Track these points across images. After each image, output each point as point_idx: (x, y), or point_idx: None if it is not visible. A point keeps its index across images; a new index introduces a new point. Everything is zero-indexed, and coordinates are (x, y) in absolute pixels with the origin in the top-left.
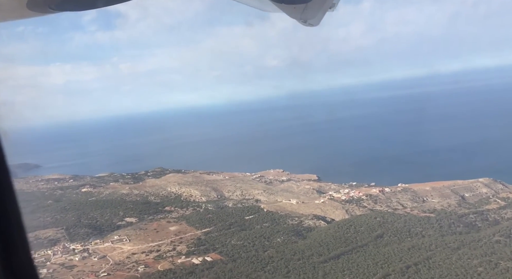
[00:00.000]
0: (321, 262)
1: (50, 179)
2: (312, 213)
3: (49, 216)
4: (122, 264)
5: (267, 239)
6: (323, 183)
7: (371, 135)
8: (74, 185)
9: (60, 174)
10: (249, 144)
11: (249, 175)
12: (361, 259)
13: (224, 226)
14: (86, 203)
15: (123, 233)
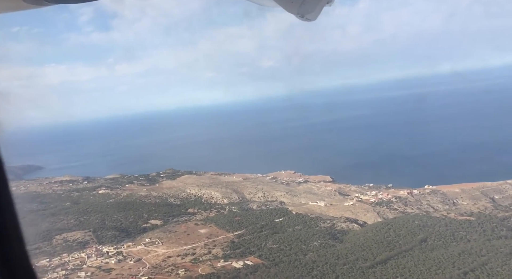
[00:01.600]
0: (368, 267)
1: (63, 181)
2: (343, 215)
3: (72, 218)
4: (159, 267)
5: (303, 242)
6: (342, 185)
7: (377, 136)
8: (89, 186)
9: (71, 176)
10: (253, 144)
11: (261, 176)
12: (411, 264)
13: (255, 228)
14: (105, 205)
15: (153, 235)
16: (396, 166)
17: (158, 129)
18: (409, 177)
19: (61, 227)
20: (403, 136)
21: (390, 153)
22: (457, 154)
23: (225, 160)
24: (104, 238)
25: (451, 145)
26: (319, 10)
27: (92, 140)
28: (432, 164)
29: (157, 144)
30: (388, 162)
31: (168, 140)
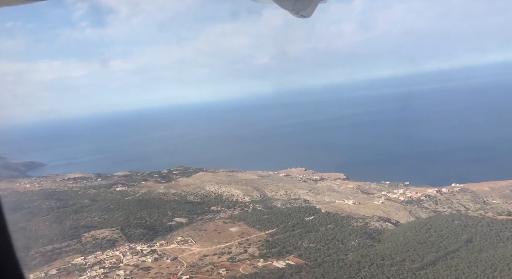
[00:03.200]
0: (418, 269)
1: (76, 178)
2: (374, 214)
3: (96, 216)
4: (197, 266)
5: (340, 242)
6: (360, 182)
7: (378, 134)
8: (104, 184)
9: (82, 173)
10: (255, 142)
11: (273, 174)
12: (463, 266)
13: (286, 227)
14: (125, 202)
15: (183, 233)
16: (406, 164)
17: (155, 127)
18: (425, 174)
19: (87, 224)
20: (402, 135)
21: (396, 151)
22: (465, 152)
23: (230, 157)
24: (133, 236)
25: (457, 143)
26: (314, 7)
27: (89, 137)
28: (445, 161)
29: (156, 141)
30: (396, 160)
31: (166, 137)
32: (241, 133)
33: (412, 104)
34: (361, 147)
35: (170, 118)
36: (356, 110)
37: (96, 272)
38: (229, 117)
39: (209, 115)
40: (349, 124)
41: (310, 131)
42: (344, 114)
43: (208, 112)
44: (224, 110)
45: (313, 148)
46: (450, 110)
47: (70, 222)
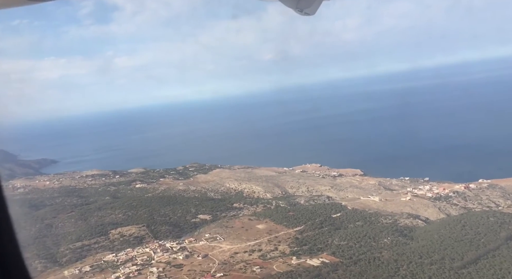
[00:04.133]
0: (460, 268)
1: (94, 175)
2: (402, 211)
3: (120, 213)
4: (229, 263)
5: (372, 239)
6: (381, 178)
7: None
8: (123, 181)
9: (99, 170)
10: (264, 138)
11: (288, 170)
12: (508, 265)
13: (314, 224)
14: (147, 199)
15: (210, 230)
16: (422, 159)
17: (162, 124)
18: (442, 170)
19: (112, 221)
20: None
21: (409, 146)
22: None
23: (241, 154)
24: (159, 233)
25: (470, 138)
26: (318, 4)
27: (96, 134)
28: (461, 156)
29: (164, 139)
30: (411, 155)
31: (174, 134)
32: (249, 130)
33: (418, 100)
34: (373, 142)
35: (176, 116)
36: (364, 106)
37: (129, 269)
38: (237, 114)
39: (215, 112)
40: (359, 120)
41: (319, 128)
42: (352, 110)
43: (213, 109)
44: (230, 107)
45: (324, 144)
46: (457, 105)
47: (95, 219)
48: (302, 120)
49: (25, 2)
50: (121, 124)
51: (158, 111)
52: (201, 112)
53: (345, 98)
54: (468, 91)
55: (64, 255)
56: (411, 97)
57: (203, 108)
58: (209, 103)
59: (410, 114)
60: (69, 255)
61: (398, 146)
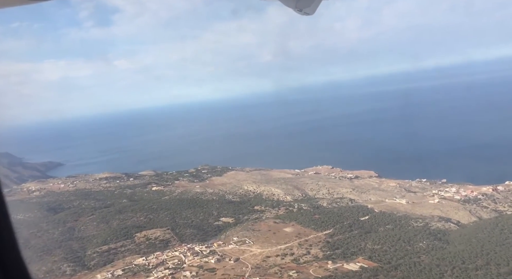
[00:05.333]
0: (508, 274)
1: (108, 177)
2: (431, 213)
3: (141, 216)
4: (262, 267)
5: (407, 243)
6: (400, 180)
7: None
8: (138, 183)
9: (110, 172)
10: (270, 140)
11: (301, 172)
12: None
13: (343, 227)
14: (166, 202)
15: (237, 234)
16: (434, 161)
17: (164, 126)
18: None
19: (134, 224)
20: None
21: (420, 148)
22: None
23: (248, 155)
24: (184, 236)
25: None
26: (317, 4)
27: (100, 136)
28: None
29: (169, 140)
30: (422, 157)
31: (177, 136)
32: (255, 131)
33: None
34: (383, 143)
35: (179, 117)
36: (369, 107)
37: (162, 273)
38: (240, 115)
39: (216, 113)
40: (365, 121)
41: (325, 129)
42: (357, 110)
43: (216, 110)
44: (233, 108)
45: (332, 145)
46: (461, 106)
47: (116, 222)
48: (308, 121)
49: (24, 2)
50: (123, 126)
51: (159, 113)
52: (204, 114)
53: (349, 99)
54: (475, 91)
55: (92, 258)
56: (417, 98)
57: (205, 109)
58: (211, 104)
59: (417, 115)
60: (96, 258)
61: (408, 147)
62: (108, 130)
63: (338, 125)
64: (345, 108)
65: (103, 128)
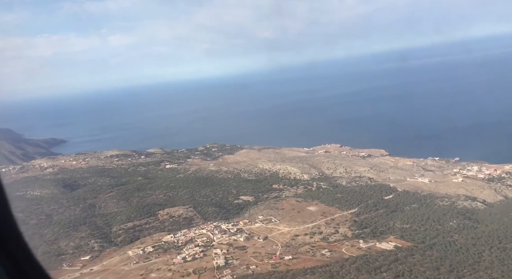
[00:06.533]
0: None
1: (119, 155)
2: (456, 192)
3: (160, 194)
4: (292, 246)
5: (437, 222)
6: (414, 159)
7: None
8: (150, 161)
9: (119, 150)
10: (274, 117)
11: (310, 150)
12: None
13: (368, 206)
14: (182, 180)
15: (260, 212)
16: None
17: (163, 103)
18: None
19: (154, 202)
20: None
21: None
22: None
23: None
24: (207, 214)
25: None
26: None
27: (98, 113)
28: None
29: (170, 118)
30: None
31: (178, 114)
32: (256, 109)
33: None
34: (388, 121)
35: (176, 95)
36: (374, 84)
37: (193, 250)
38: (237, 93)
39: (214, 92)
40: (370, 99)
41: (329, 107)
42: (359, 89)
43: (213, 88)
44: (229, 87)
45: (338, 124)
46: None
47: (136, 199)
48: (311, 99)
49: None
50: (120, 103)
51: (156, 90)
52: (202, 92)
53: (351, 77)
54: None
55: (118, 235)
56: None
57: (203, 87)
58: (209, 82)
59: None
60: (122, 235)
61: (416, 125)
62: (106, 107)
63: (342, 103)
64: (348, 86)
65: (100, 105)
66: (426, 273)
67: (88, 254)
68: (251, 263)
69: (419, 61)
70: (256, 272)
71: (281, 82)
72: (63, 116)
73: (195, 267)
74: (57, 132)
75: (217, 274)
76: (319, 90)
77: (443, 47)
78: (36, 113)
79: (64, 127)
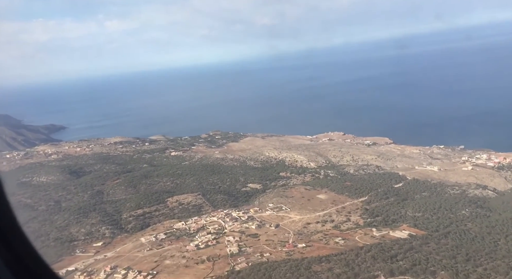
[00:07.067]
0: None
1: (123, 142)
2: (466, 181)
3: (168, 181)
4: (304, 234)
5: (449, 211)
6: (420, 147)
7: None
8: (155, 148)
9: (122, 137)
10: (273, 105)
11: (313, 138)
12: None
13: (378, 195)
14: (189, 167)
15: (270, 200)
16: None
17: (162, 90)
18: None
19: (162, 189)
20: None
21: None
22: None
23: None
24: (216, 202)
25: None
26: None
27: (96, 100)
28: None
29: (169, 105)
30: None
31: (178, 101)
32: (255, 97)
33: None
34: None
35: (173, 82)
36: (374, 72)
37: (205, 237)
38: (236, 80)
39: (213, 79)
40: (371, 87)
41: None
42: (359, 77)
43: (211, 76)
44: (227, 74)
45: (339, 112)
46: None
47: (144, 186)
48: (311, 87)
49: None
50: (118, 90)
51: (154, 77)
52: (200, 79)
53: (351, 65)
54: None
55: (128, 222)
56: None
57: (201, 74)
58: (207, 69)
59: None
60: (133, 222)
61: (418, 112)
62: (104, 94)
63: (343, 91)
64: (348, 74)
65: (98, 91)
66: (442, 262)
67: (100, 240)
68: (264, 250)
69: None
70: (271, 259)
71: (280, 69)
72: (60, 102)
73: (208, 255)
74: (56, 118)
75: (232, 262)
76: (318, 78)
77: (444, 34)
78: (33, 99)
79: (62, 114)
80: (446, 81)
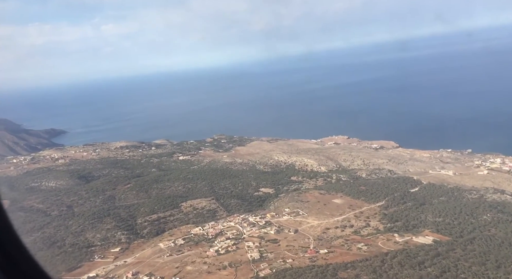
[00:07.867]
0: None
1: (129, 146)
2: (482, 185)
3: (179, 185)
4: (324, 239)
5: (470, 216)
6: (430, 151)
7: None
8: (162, 153)
9: (127, 141)
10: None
11: (319, 142)
12: None
13: (395, 199)
14: (198, 171)
15: (285, 205)
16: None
17: (159, 94)
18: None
19: (174, 194)
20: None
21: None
22: None
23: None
24: (230, 207)
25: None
26: None
27: (94, 104)
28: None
29: (168, 109)
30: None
31: (177, 104)
32: (254, 99)
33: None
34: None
35: (171, 86)
36: (371, 76)
37: (224, 243)
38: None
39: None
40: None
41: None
42: (358, 80)
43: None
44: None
45: (341, 115)
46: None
47: (155, 191)
48: (312, 90)
49: None
50: (115, 93)
51: (150, 81)
52: (198, 82)
53: (349, 68)
54: None
55: (143, 227)
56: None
57: (198, 78)
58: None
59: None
60: (148, 227)
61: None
62: (101, 98)
63: (343, 94)
64: (348, 77)
65: (95, 95)
66: (472, 269)
67: (116, 246)
68: (286, 256)
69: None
70: (294, 265)
71: (279, 73)
72: (58, 106)
73: (230, 260)
74: (55, 122)
75: (254, 268)
76: (318, 81)
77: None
78: (30, 103)
79: (61, 118)
80: (447, 84)
